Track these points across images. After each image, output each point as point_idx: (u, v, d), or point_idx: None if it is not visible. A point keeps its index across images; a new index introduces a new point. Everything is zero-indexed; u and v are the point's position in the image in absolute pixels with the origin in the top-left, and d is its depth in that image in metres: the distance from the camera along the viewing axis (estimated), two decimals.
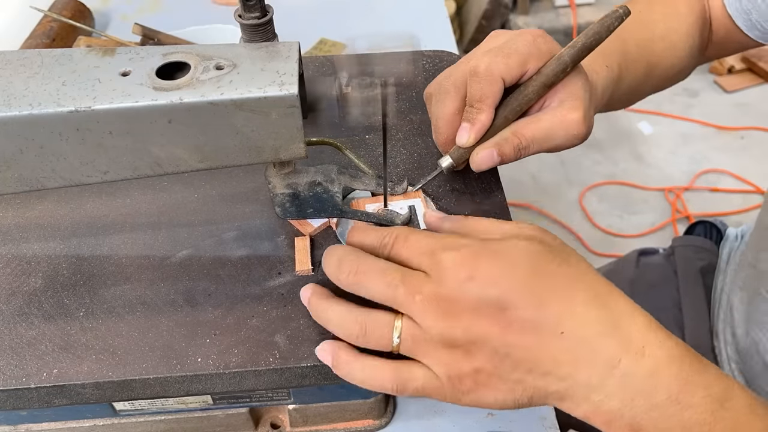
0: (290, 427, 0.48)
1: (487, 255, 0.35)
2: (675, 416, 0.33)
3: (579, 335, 0.33)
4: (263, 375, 0.39)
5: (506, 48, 0.46)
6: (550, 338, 0.33)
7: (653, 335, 0.34)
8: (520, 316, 0.33)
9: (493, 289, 0.33)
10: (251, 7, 0.39)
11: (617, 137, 2.10)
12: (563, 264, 0.35)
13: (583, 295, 0.34)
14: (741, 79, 2.26)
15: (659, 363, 0.33)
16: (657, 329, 0.34)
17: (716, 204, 1.86)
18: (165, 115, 0.34)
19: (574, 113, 0.46)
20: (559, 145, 0.47)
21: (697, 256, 0.82)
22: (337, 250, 0.38)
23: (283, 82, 0.35)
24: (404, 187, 0.47)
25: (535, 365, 0.34)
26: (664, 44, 0.62)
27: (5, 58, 0.36)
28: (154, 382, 0.38)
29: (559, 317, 0.33)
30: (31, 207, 0.48)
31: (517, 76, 0.46)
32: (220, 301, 0.42)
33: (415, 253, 0.36)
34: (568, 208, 1.87)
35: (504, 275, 0.34)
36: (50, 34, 0.80)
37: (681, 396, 0.33)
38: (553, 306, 0.34)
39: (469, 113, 0.46)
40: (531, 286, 0.34)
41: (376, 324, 0.36)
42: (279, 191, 0.42)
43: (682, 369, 0.33)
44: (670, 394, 0.33)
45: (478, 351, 0.34)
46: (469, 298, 0.34)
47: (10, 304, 0.42)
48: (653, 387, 0.33)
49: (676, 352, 0.34)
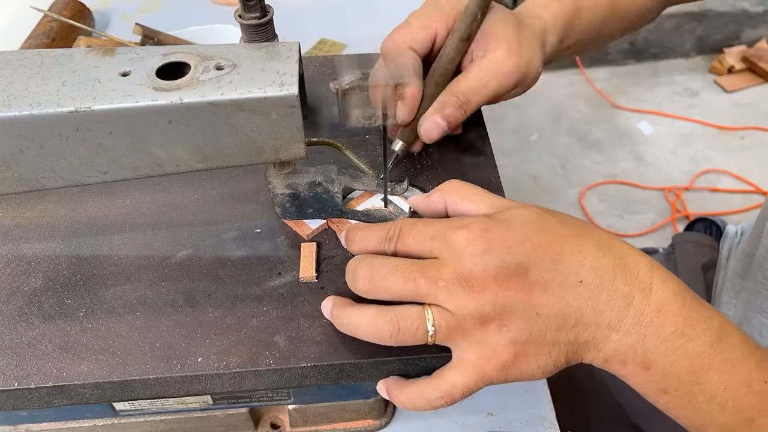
0: (290, 427, 0.48)
1: (496, 226, 0.36)
2: (680, 348, 0.35)
3: (595, 281, 0.35)
4: (263, 375, 0.39)
5: (407, 20, 0.48)
6: (571, 290, 0.35)
7: (657, 273, 0.36)
8: (541, 276, 0.35)
9: (510, 256, 0.35)
10: (251, 7, 0.39)
11: (617, 137, 2.10)
12: (564, 222, 0.37)
13: (591, 244, 0.36)
14: (741, 79, 2.26)
15: (665, 298, 0.35)
16: (659, 268, 0.36)
17: (716, 204, 1.86)
18: (165, 115, 0.34)
19: (498, 52, 0.47)
20: (499, 89, 0.48)
21: (698, 251, 0.82)
22: (350, 263, 0.38)
23: (283, 83, 0.35)
24: (404, 186, 0.47)
25: (564, 320, 0.35)
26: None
27: (5, 58, 0.36)
28: (154, 382, 0.38)
29: (575, 268, 0.35)
30: (31, 207, 0.48)
31: (426, 40, 0.47)
32: (220, 301, 0.42)
33: (425, 239, 0.37)
34: (568, 208, 1.87)
35: (517, 241, 0.35)
36: (50, 34, 0.80)
37: (685, 329, 0.35)
38: (567, 259, 0.35)
39: (398, 91, 0.47)
40: (543, 245, 0.35)
41: (407, 318, 0.36)
42: (279, 191, 0.42)
43: (684, 304, 0.35)
44: (676, 327, 0.35)
45: (510, 320, 0.35)
46: (490, 270, 0.34)
47: (10, 304, 0.42)
48: (662, 321, 0.35)
49: (678, 288, 0.36)
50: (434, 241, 0.36)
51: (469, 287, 0.35)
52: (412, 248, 0.37)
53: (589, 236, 0.37)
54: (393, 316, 0.36)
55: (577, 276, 0.35)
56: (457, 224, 0.36)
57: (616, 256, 0.36)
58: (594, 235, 0.37)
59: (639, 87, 2.29)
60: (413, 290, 0.35)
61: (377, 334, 0.36)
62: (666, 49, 2.37)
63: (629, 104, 2.21)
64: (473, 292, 0.35)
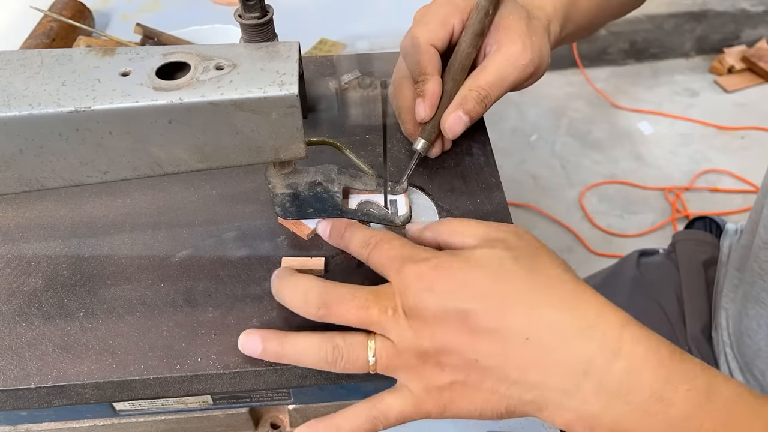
0: (290, 427, 0.48)
1: (450, 265, 0.35)
2: (660, 414, 0.31)
3: (545, 341, 0.32)
4: (263, 375, 0.39)
5: (425, 17, 0.48)
6: (515, 346, 0.33)
7: (628, 333, 0.33)
8: (482, 325, 0.33)
9: (453, 300, 0.33)
10: (251, 7, 0.39)
11: (617, 137, 2.10)
12: (529, 268, 0.35)
13: (549, 299, 0.33)
14: (741, 79, 2.26)
15: (637, 361, 0.32)
16: (633, 326, 0.33)
17: (716, 204, 1.86)
18: (165, 115, 0.34)
19: (513, 46, 0.47)
20: (517, 80, 0.48)
21: (699, 249, 0.82)
22: (298, 281, 0.38)
23: (283, 82, 0.35)
24: (404, 186, 0.47)
25: (504, 374, 0.33)
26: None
27: (5, 58, 0.36)
28: (154, 382, 0.38)
29: (523, 324, 0.33)
30: (31, 207, 0.48)
31: (445, 37, 0.48)
32: (220, 301, 0.42)
33: (390, 260, 0.37)
34: (568, 208, 1.87)
35: (460, 285, 0.34)
36: (50, 34, 0.80)
37: (664, 393, 0.31)
38: (516, 312, 0.33)
39: (417, 89, 0.47)
40: (492, 294, 0.33)
41: (349, 347, 0.36)
42: (279, 191, 0.42)
43: (661, 365, 0.32)
44: (652, 392, 0.31)
45: (449, 361, 0.34)
46: (431, 308, 0.34)
47: (10, 304, 0.42)
48: (633, 386, 0.32)
49: (655, 347, 0.32)
50: (394, 265, 0.36)
51: (412, 322, 0.34)
52: (378, 265, 0.37)
53: (552, 289, 0.34)
54: (335, 344, 0.36)
55: (524, 333, 0.33)
56: (417, 257, 0.36)
57: (580, 316, 0.33)
58: (558, 289, 0.34)
59: (639, 87, 2.29)
60: (366, 318, 0.36)
61: (320, 362, 0.36)
62: (666, 49, 2.37)
63: (629, 104, 2.21)
64: (414, 327, 0.34)
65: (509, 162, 2.00)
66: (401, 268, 0.35)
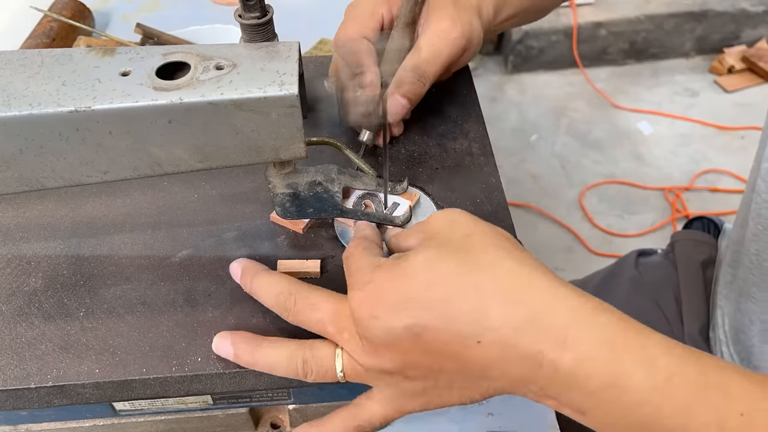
0: (290, 427, 0.48)
1: (383, 287, 0.34)
2: (617, 400, 0.31)
3: (496, 340, 0.32)
4: (263, 375, 0.39)
5: (354, 10, 0.50)
6: (470, 350, 0.33)
7: (577, 324, 0.32)
8: (434, 339, 0.33)
9: (399, 320, 0.33)
10: (251, 7, 0.39)
11: (617, 137, 2.10)
12: (465, 264, 0.34)
13: (492, 299, 0.33)
14: (741, 79, 2.26)
15: (586, 351, 0.31)
16: (585, 314, 0.32)
17: (716, 204, 1.86)
18: (165, 115, 0.34)
19: (442, 23, 0.49)
20: (451, 55, 0.50)
21: (697, 249, 0.82)
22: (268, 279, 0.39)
23: (283, 82, 0.35)
24: (404, 186, 0.47)
25: (468, 374, 0.34)
26: None
27: (5, 58, 0.36)
28: (154, 382, 0.38)
29: (470, 329, 0.32)
30: (31, 207, 0.48)
31: (375, 27, 0.49)
32: (220, 301, 0.42)
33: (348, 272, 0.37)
34: (568, 208, 1.87)
35: (404, 302, 0.33)
36: (50, 34, 0.80)
37: (619, 380, 0.31)
38: (462, 319, 0.32)
39: (356, 81, 0.48)
40: (430, 302, 0.33)
41: (319, 361, 0.36)
42: (279, 191, 0.42)
43: (614, 352, 0.31)
44: (604, 380, 0.31)
45: (415, 374, 0.35)
46: (380, 335, 0.34)
47: (10, 304, 0.42)
48: (583, 376, 0.31)
49: (607, 335, 0.32)
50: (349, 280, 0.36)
51: (369, 347, 0.35)
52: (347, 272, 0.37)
53: (494, 284, 0.33)
54: (306, 360, 0.36)
55: (474, 338, 0.32)
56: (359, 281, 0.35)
57: (526, 309, 0.32)
58: (501, 284, 0.33)
59: (639, 87, 2.29)
60: (324, 333, 0.37)
61: (290, 372, 0.37)
62: (666, 49, 2.37)
63: (629, 104, 2.21)
64: (371, 354, 0.35)
65: (509, 162, 2.00)
66: (350, 290, 0.36)
